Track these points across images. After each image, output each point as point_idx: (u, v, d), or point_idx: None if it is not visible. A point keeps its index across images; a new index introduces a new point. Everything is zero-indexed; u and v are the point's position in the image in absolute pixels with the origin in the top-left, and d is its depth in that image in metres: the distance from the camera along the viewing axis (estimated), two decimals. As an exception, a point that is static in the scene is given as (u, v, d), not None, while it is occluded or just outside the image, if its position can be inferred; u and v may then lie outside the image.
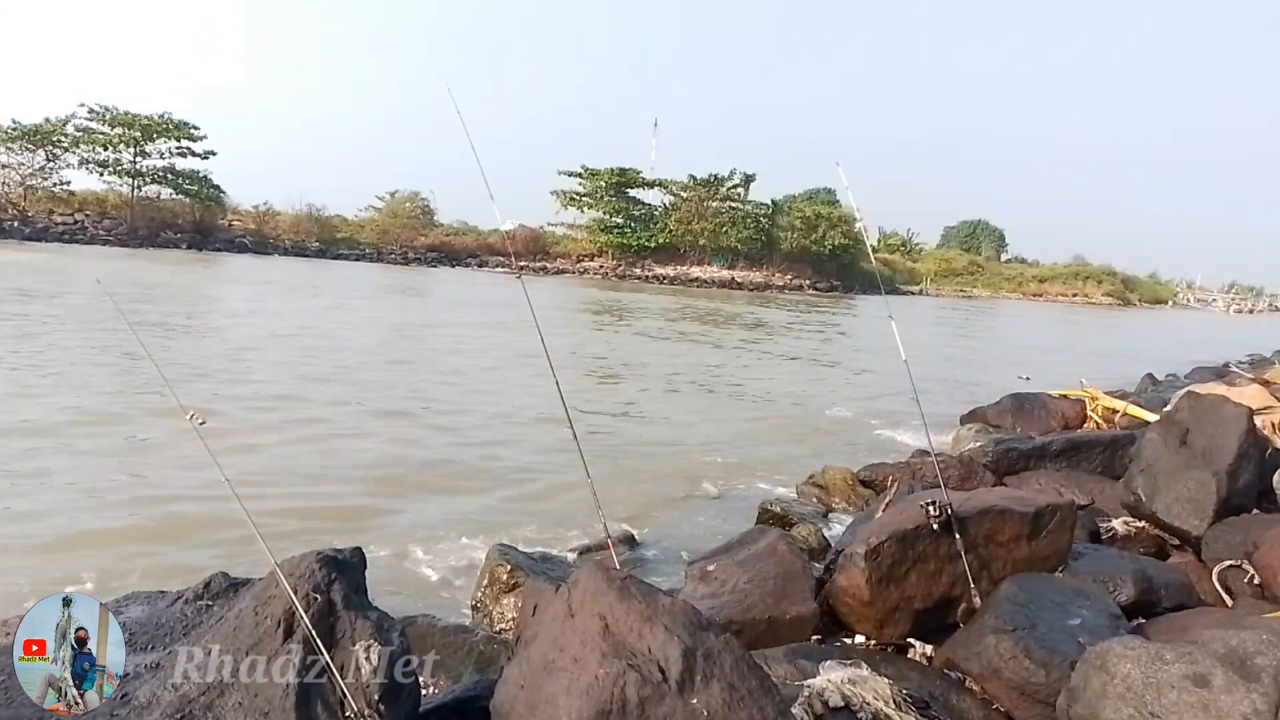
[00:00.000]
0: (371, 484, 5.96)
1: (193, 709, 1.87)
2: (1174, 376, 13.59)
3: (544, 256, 51.82)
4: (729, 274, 52.50)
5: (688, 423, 9.08)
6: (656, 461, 7.15)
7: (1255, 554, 3.64)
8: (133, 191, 45.04)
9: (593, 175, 54.55)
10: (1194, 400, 4.56)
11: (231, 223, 47.79)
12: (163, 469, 5.78)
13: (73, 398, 7.71)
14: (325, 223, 50.28)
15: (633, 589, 2.12)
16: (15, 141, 43.06)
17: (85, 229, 41.38)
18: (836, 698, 2.39)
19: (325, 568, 2.09)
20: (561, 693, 1.92)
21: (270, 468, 6.06)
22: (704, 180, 54.94)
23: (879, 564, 3.16)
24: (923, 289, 60.15)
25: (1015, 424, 8.22)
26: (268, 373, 9.90)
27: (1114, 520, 4.50)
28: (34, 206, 42.21)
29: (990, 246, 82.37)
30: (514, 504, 5.69)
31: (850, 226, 51.14)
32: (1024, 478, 5.60)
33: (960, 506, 3.30)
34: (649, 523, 5.49)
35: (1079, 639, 2.70)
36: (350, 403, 8.62)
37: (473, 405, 8.98)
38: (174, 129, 46.09)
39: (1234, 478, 4.10)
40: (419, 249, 49.70)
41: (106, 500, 5.16)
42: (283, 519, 4.87)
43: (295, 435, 7.12)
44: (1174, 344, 25.86)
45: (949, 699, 2.72)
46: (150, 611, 2.41)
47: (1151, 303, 73.46)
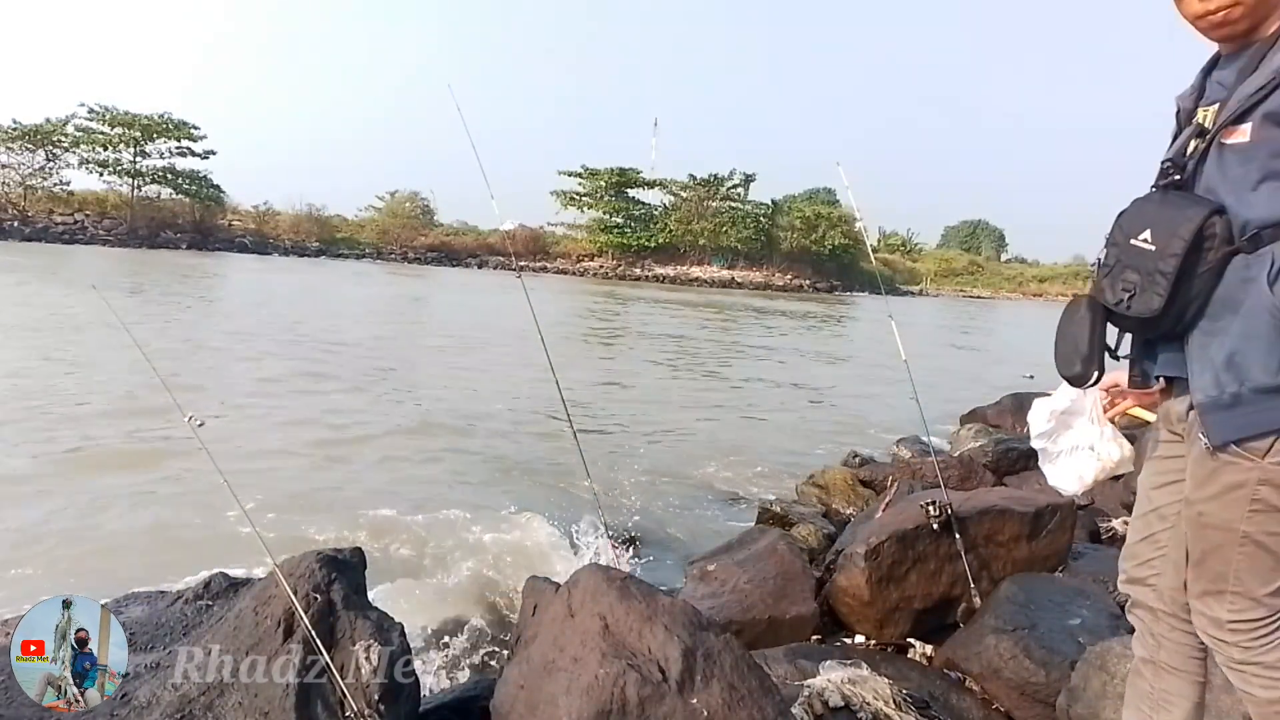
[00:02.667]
0: (371, 483, 5.96)
1: (193, 709, 1.87)
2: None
3: (544, 256, 51.84)
4: (729, 274, 52.50)
5: (688, 422, 9.08)
6: (657, 461, 7.14)
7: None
8: (133, 191, 45.04)
9: (593, 175, 54.55)
10: (1194, 400, 4.55)
11: (231, 223, 47.81)
12: (162, 469, 5.78)
13: (73, 397, 7.71)
14: (325, 223, 50.32)
15: (633, 589, 2.12)
16: (15, 141, 43.06)
17: (85, 229, 41.38)
18: (836, 698, 2.39)
19: (325, 568, 2.09)
20: (561, 693, 1.92)
21: (270, 467, 6.06)
22: (704, 180, 54.95)
23: (879, 564, 3.16)
24: (923, 289, 60.15)
25: (1015, 424, 8.21)
26: (268, 372, 9.90)
27: (1114, 520, 4.50)
28: (34, 206, 42.22)
29: (990, 246, 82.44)
30: (514, 503, 5.69)
31: (850, 226, 51.13)
32: (1024, 478, 5.60)
33: (960, 506, 3.30)
34: (649, 523, 5.49)
35: (1079, 639, 2.71)
36: (351, 402, 8.62)
37: (471, 404, 8.98)
38: (174, 129, 46.11)
39: (1234, 478, 4.10)
40: (419, 249, 49.71)
41: (106, 500, 5.16)
42: (283, 519, 4.87)
43: (296, 435, 7.11)
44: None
45: (949, 699, 2.72)
46: (150, 611, 2.41)
47: (1151, 303, 73.23)
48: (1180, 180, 1.52)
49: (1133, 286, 1.48)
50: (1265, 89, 1.38)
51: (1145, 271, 1.46)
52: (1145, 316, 1.47)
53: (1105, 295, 1.56)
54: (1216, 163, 1.46)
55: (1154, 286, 1.44)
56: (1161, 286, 1.43)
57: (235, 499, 2.19)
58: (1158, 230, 1.46)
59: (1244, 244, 1.40)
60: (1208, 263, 1.42)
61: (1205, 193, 1.48)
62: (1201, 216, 1.41)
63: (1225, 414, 1.40)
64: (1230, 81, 1.48)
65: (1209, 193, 1.47)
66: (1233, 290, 1.41)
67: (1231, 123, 1.42)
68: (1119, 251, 1.54)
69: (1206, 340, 1.45)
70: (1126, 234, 1.53)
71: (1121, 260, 1.53)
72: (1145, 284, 1.46)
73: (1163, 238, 1.44)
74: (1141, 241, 1.48)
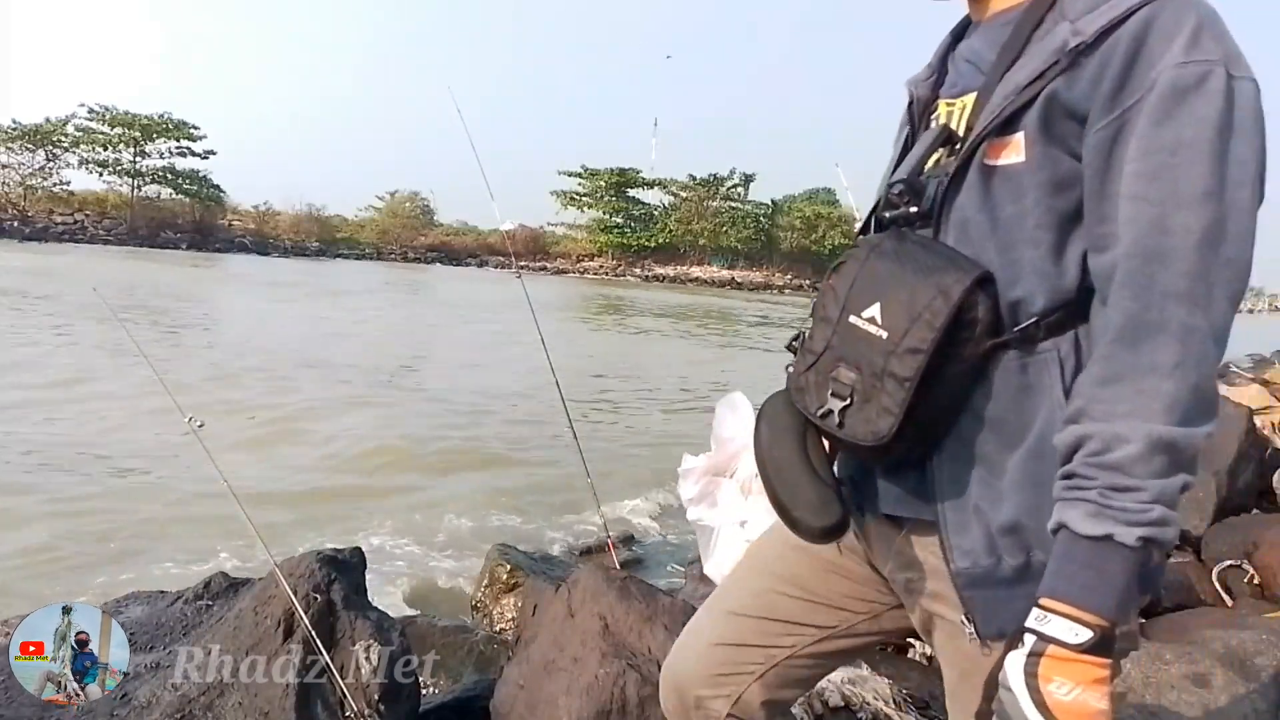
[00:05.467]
0: (371, 484, 5.96)
1: (193, 709, 1.88)
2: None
3: (544, 256, 51.90)
4: (729, 274, 52.58)
5: (688, 421, 9.08)
6: (657, 461, 7.14)
7: (1255, 554, 3.65)
8: (133, 191, 45.13)
9: (592, 175, 54.62)
10: (1194, 400, 4.56)
11: (231, 223, 47.90)
12: (162, 469, 5.78)
13: (72, 398, 7.71)
14: (325, 223, 50.40)
15: (633, 589, 2.13)
16: (15, 141, 43.12)
17: (85, 229, 41.45)
18: (836, 697, 2.39)
19: (325, 568, 2.09)
20: (561, 693, 1.92)
21: (271, 467, 6.06)
22: (704, 180, 55.04)
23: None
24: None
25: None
26: (269, 370, 9.91)
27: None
28: (34, 206, 42.29)
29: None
30: (514, 503, 5.69)
31: (850, 226, 51.14)
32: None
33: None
34: (649, 523, 5.49)
35: (1079, 639, 2.70)
36: (350, 401, 8.62)
37: (472, 403, 8.98)
38: (174, 129, 46.20)
39: (1234, 478, 4.10)
40: (419, 249, 49.76)
41: (106, 500, 5.16)
42: (283, 519, 4.87)
43: (296, 435, 7.12)
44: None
45: (949, 699, 2.73)
46: (150, 611, 2.41)
47: (1151, 303, 73.49)
48: (919, 214, 0.95)
49: (848, 393, 0.93)
50: (1044, 79, 0.86)
51: (870, 371, 0.91)
52: (866, 444, 0.92)
53: (804, 402, 0.99)
54: (978, 192, 0.91)
55: (883, 397, 0.89)
56: (895, 399, 0.88)
57: (235, 499, 2.19)
58: (891, 306, 0.90)
59: (1013, 336, 0.89)
60: (963, 359, 0.89)
61: (959, 237, 0.93)
62: (962, 289, 0.86)
63: (1005, 592, 0.89)
64: (987, 60, 0.95)
65: (964, 240, 0.92)
66: (1006, 407, 0.90)
67: (998, 131, 0.89)
68: (830, 331, 0.96)
69: (968, 477, 0.92)
70: (843, 305, 0.95)
71: (833, 348, 0.95)
72: (869, 390, 0.91)
73: (899, 319, 0.89)
74: (866, 322, 0.91)
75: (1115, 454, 0.77)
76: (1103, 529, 0.76)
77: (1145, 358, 0.78)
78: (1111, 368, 0.79)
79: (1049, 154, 0.87)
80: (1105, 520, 0.76)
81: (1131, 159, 0.80)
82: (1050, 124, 0.86)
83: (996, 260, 0.90)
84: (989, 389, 0.91)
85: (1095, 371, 0.81)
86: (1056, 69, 0.85)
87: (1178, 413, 0.76)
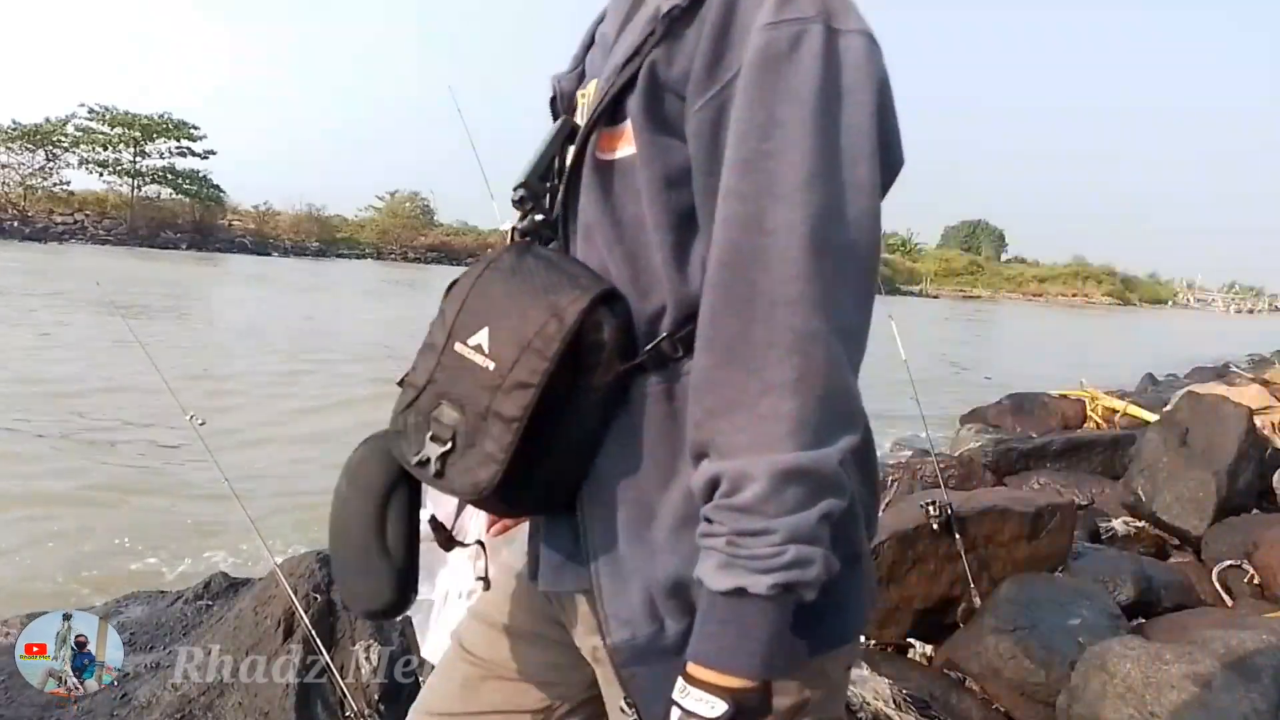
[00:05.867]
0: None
1: (193, 709, 1.88)
2: (1174, 376, 13.58)
3: (544, 256, 51.85)
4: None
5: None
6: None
7: (1255, 554, 3.65)
8: (133, 191, 45.10)
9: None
10: (1194, 400, 4.57)
11: (231, 223, 47.86)
12: (162, 469, 5.78)
13: (73, 394, 7.71)
14: (325, 223, 50.36)
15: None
16: (15, 141, 43.10)
17: (85, 229, 41.42)
18: (836, 698, 2.39)
19: (325, 567, 2.09)
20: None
21: (272, 465, 6.06)
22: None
23: (879, 564, 3.16)
24: (922, 289, 60.21)
25: (1015, 424, 8.22)
26: (269, 370, 9.91)
27: (1114, 520, 4.50)
28: (34, 206, 42.25)
29: (990, 246, 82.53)
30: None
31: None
32: (1024, 478, 5.60)
33: (960, 507, 3.30)
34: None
35: (1079, 639, 2.71)
36: (352, 398, 8.62)
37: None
38: (174, 129, 46.18)
39: (1234, 478, 4.11)
40: (419, 249, 49.75)
41: (106, 500, 5.16)
42: (283, 518, 4.87)
43: (297, 435, 7.12)
44: (1174, 344, 25.87)
45: (949, 699, 2.73)
46: (150, 611, 2.41)
47: (1151, 303, 73.63)
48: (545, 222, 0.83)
49: (449, 436, 0.77)
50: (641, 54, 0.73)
51: (474, 410, 0.75)
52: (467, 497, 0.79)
53: (401, 448, 0.83)
54: (598, 193, 0.77)
55: (486, 441, 0.74)
56: (500, 443, 0.73)
57: (236, 499, 2.19)
58: (499, 333, 0.75)
59: (647, 357, 0.76)
60: (593, 389, 0.75)
61: (585, 246, 0.80)
62: (579, 310, 0.73)
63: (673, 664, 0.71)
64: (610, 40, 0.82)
65: (590, 249, 0.79)
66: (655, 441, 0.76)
67: (607, 120, 0.76)
68: (434, 363, 0.80)
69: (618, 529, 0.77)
70: (449, 331, 0.80)
71: (436, 382, 0.80)
72: (472, 433, 0.75)
73: (508, 348, 0.74)
74: (473, 351, 0.77)
75: (743, 494, 0.65)
76: (732, 581, 0.65)
77: (759, 378, 0.66)
78: (725, 395, 0.67)
79: (658, 142, 0.73)
80: (735, 571, 0.65)
81: (729, 145, 0.68)
82: (654, 107, 0.72)
83: (625, 270, 0.76)
84: (631, 421, 0.76)
85: (709, 401, 0.68)
86: (652, 40, 0.71)
87: (806, 434, 0.65)
